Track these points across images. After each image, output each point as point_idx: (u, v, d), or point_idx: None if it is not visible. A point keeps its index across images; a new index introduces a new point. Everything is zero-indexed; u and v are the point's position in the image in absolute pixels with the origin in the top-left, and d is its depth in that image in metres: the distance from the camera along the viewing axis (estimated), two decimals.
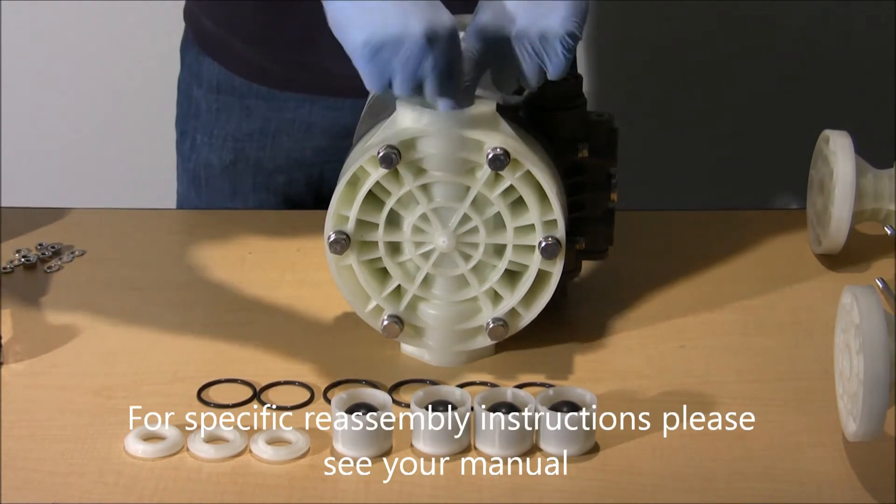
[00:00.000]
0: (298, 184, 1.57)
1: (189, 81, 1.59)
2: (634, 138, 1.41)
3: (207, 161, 1.56)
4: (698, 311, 1.28)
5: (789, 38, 2.13)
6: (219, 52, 1.54)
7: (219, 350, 1.21)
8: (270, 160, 1.55)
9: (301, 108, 1.54)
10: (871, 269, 1.36)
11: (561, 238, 1.14)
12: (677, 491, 1.02)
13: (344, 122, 1.52)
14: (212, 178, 1.56)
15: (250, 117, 1.54)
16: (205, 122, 1.56)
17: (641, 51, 2.14)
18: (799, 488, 1.02)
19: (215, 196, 1.57)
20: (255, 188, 1.56)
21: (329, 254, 1.15)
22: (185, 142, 1.59)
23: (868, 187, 1.35)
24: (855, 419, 1.00)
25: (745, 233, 1.45)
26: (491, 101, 1.14)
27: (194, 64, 1.58)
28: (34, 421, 1.10)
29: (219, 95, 1.55)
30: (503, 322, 1.16)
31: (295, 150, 1.55)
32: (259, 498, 1.01)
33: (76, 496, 1.01)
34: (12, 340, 1.21)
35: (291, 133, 1.54)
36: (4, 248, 1.39)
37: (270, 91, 1.53)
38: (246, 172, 1.55)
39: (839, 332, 1.07)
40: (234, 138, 1.55)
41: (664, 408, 1.11)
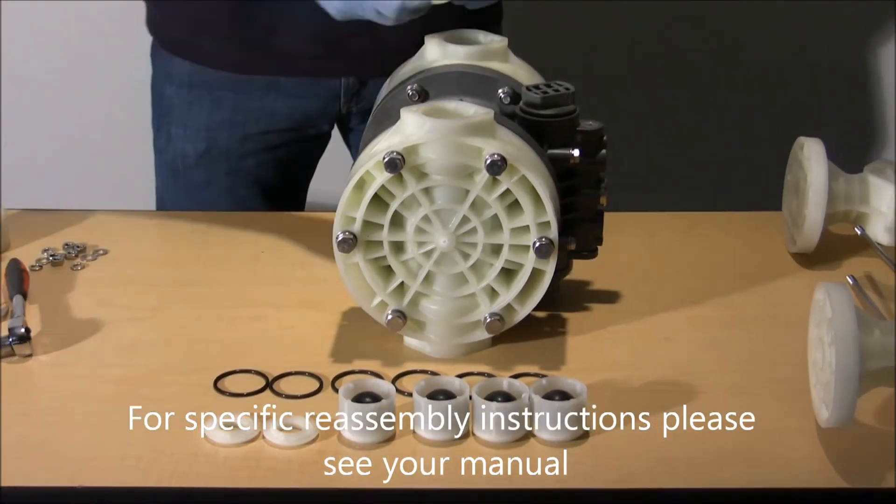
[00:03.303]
0: (267, 166, 1.59)
1: (161, 81, 1.60)
2: (623, 145, 1.41)
3: (183, 152, 1.58)
4: (682, 306, 1.28)
5: (766, 51, 2.13)
6: (186, 51, 1.56)
7: (233, 342, 1.21)
8: (240, 146, 1.57)
9: (266, 97, 1.55)
10: (842, 267, 1.36)
11: (554, 238, 1.14)
12: (663, 475, 1.01)
13: (304, 108, 1.55)
14: (188, 168, 1.58)
15: (220, 108, 1.56)
16: (178, 116, 1.58)
17: (629, 62, 2.14)
18: (776, 472, 1.02)
19: (192, 183, 1.58)
20: (229, 172, 1.57)
21: (337, 252, 1.15)
22: (161, 136, 1.60)
23: (839, 191, 1.35)
24: (827, 407, 1.00)
25: (726, 233, 1.46)
26: (489, 111, 1.14)
27: (165, 64, 1.59)
28: (60, 408, 1.10)
29: (190, 90, 1.56)
30: (499, 317, 1.16)
31: (262, 136, 1.57)
32: (271, 481, 1.01)
33: (99, 479, 1.01)
34: (41, 333, 1.21)
35: (259, 120, 1.56)
36: (34, 248, 1.39)
37: (238, 82, 1.55)
38: (219, 159, 1.57)
39: (813, 325, 1.07)
40: (206, 128, 1.56)
41: (650, 397, 1.11)
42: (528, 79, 1.27)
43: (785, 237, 1.41)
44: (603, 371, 1.15)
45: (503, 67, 1.28)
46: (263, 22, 1.48)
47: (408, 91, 1.24)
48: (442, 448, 1.04)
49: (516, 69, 1.29)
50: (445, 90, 1.23)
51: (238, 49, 1.52)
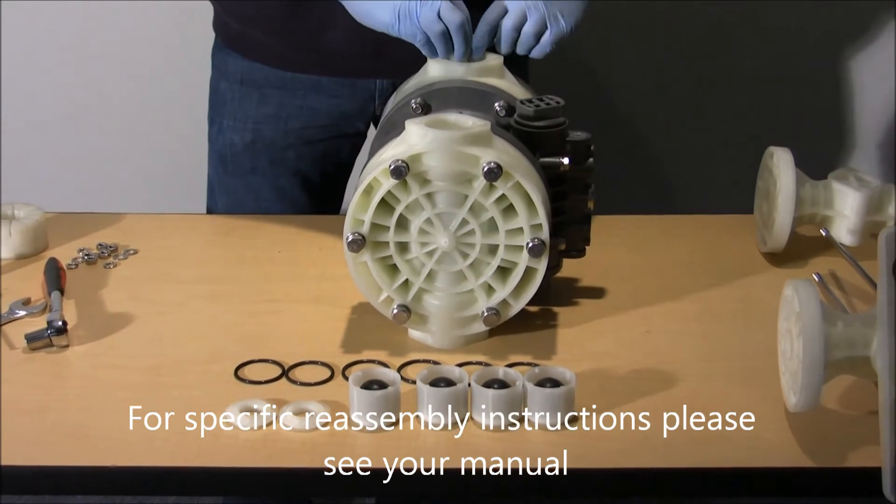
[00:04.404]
0: (306, 159, 1.59)
1: (217, 78, 1.62)
2: (607, 154, 1.41)
3: (232, 141, 1.59)
4: (662, 301, 1.28)
5: (739, 69, 2.12)
6: (241, 44, 1.57)
7: (252, 334, 1.21)
8: (283, 139, 1.58)
9: (308, 96, 1.56)
10: (808, 266, 1.36)
11: (545, 239, 1.14)
12: (644, 455, 1.02)
13: (343, 107, 1.56)
14: (235, 155, 1.58)
15: (267, 104, 1.57)
16: (230, 110, 1.59)
17: (612, 77, 2.14)
18: (747, 452, 1.02)
19: (238, 171, 1.59)
20: (271, 163, 1.58)
21: (347, 252, 1.15)
22: (214, 127, 1.62)
23: (806, 196, 1.35)
24: (795, 393, 1.01)
25: (702, 234, 1.46)
26: (486, 122, 1.14)
27: (221, 63, 1.60)
28: (94, 395, 1.11)
29: (241, 86, 1.58)
30: (496, 311, 1.16)
31: (303, 131, 1.58)
32: (286, 461, 1.01)
33: (129, 459, 1.01)
34: (76, 326, 1.22)
35: (300, 116, 1.57)
36: (70, 248, 1.40)
37: (284, 80, 1.56)
38: (263, 150, 1.58)
39: (782, 319, 1.08)
40: (253, 121, 1.57)
41: (633, 384, 1.11)
42: (522, 93, 1.28)
43: (756, 238, 1.42)
44: (590, 360, 1.15)
45: (499, 83, 1.28)
46: (315, 19, 1.49)
47: (412, 104, 1.24)
48: (442, 431, 1.04)
49: (511, 85, 1.29)
50: (446, 104, 1.24)
51: (288, 45, 1.53)
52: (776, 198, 1.33)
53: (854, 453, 1.01)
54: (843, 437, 1.03)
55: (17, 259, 1.36)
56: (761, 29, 2.11)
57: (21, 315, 1.23)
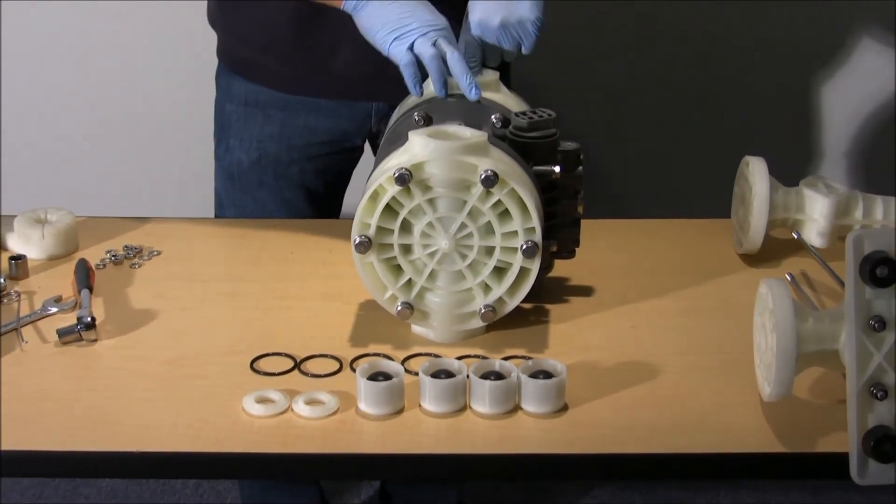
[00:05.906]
0: (308, 172, 1.58)
1: (223, 100, 1.61)
2: (596, 162, 1.41)
3: (239, 160, 1.58)
4: (646, 298, 1.28)
5: (717, 82, 2.12)
6: (246, 69, 1.56)
7: (267, 329, 1.21)
8: (287, 155, 1.57)
9: (309, 116, 1.55)
10: (781, 266, 1.35)
11: (538, 241, 1.13)
12: (629, 441, 1.02)
13: (341, 126, 1.56)
14: (242, 173, 1.58)
15: (271, 123, 1.56)
16: (236, 130, 1.58)
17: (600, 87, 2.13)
18: (725, 438, 1.02)
19: (246, 186, 1.58)
20: (277, 178, 1.57)
21: (354, 253, 1.14)
22: (221, 146, 1.61)
23: (779, 201, 1.35)
24: (769, 384, 1.00)
25: (683, 237, 1.45)
26: (483, 133, 1.14)
27: (226, 86, 1.59)
28: (121, 385, 1.10)
29: (246, 108, 1.57)
30: (492, 308, 1.16)
31: (305, 147, 1.57)
32: (299, 447, 1.01)
33: (154, 445, 1.01)
34: (104, 321, 1.21)
35: (303, 135, 1.56)
36: (98, 249, 1.39)
37: (286, 102, 1.55)
38: (268, 166, 1.57)
39: (757, 314, 1.07)
40: (258, 140, 1.57)
41: (619, 375, 1.11)
42: (516, 106, 1.27)
43: (733, 240, 1.41)
44: (580, 353, 1.15)
45: (495, 97, 1.28)
46: (322, 46, 1.48)
47: (414, 117, 1.24)
48: (443, 419, 1.04)
49: (506, 98, 1.29)
50: (446, 116, 1.23)
51: (296, 70, 1.52)
52: (751, 203, 1.33)
53: (823, 439, 1.01)
54: (813, 425, 1.03)
55: (50, 260, 1.36)
56: (739, 48, 2.11)
57: (53, 311, 1.23)
